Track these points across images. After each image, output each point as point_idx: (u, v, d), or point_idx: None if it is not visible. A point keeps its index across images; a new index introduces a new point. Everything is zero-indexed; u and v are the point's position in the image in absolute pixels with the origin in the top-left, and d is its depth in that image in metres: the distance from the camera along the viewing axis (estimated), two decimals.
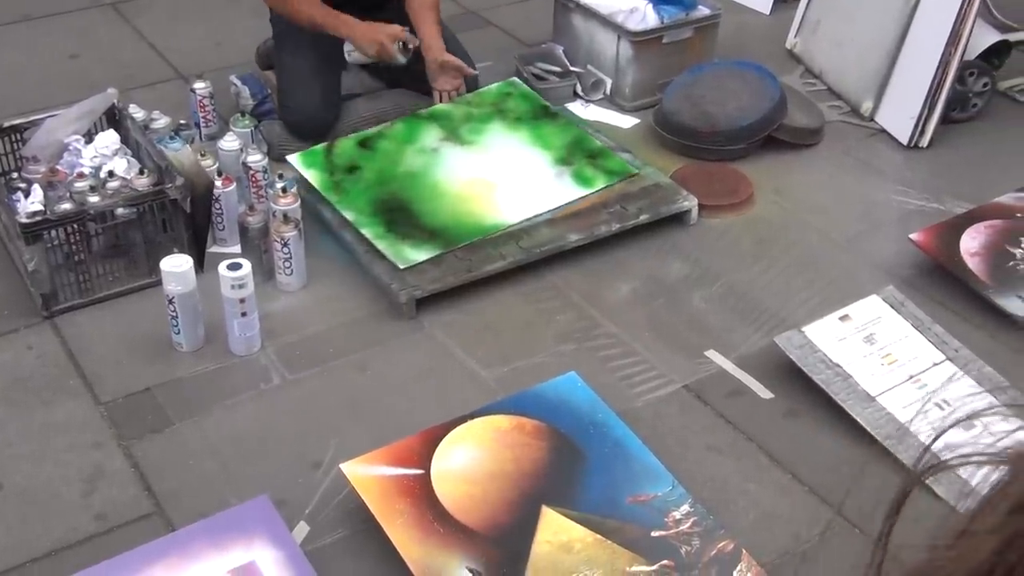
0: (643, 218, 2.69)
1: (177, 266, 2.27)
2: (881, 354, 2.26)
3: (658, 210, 2.72)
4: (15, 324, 2.41)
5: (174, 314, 2.29)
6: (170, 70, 3.45)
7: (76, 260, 2.44)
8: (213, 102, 2.99)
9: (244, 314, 2.28)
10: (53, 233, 2.41)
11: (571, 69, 3.32)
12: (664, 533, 1.89)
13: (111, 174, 2.48)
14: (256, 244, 2.56)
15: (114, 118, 2.73)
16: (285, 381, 2.28)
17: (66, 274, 2.45)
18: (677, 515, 1.92)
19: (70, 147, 2.58)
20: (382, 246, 2.55)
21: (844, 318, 2.32)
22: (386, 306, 2.47)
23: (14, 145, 2.68)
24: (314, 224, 2.66)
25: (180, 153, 2.56)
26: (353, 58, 2.97)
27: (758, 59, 3.26)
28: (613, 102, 3.27)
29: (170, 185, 2.43)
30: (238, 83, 3.14)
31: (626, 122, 3.20)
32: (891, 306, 2.37)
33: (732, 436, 2.15)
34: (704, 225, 2.77)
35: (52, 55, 3.52)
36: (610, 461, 2.01)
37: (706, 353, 2.36)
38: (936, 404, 2.17)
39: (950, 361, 2.26)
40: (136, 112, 2.79)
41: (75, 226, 2.40)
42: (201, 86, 2.96)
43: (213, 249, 2.60)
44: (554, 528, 1.88)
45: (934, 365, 2.25)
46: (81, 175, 2.47)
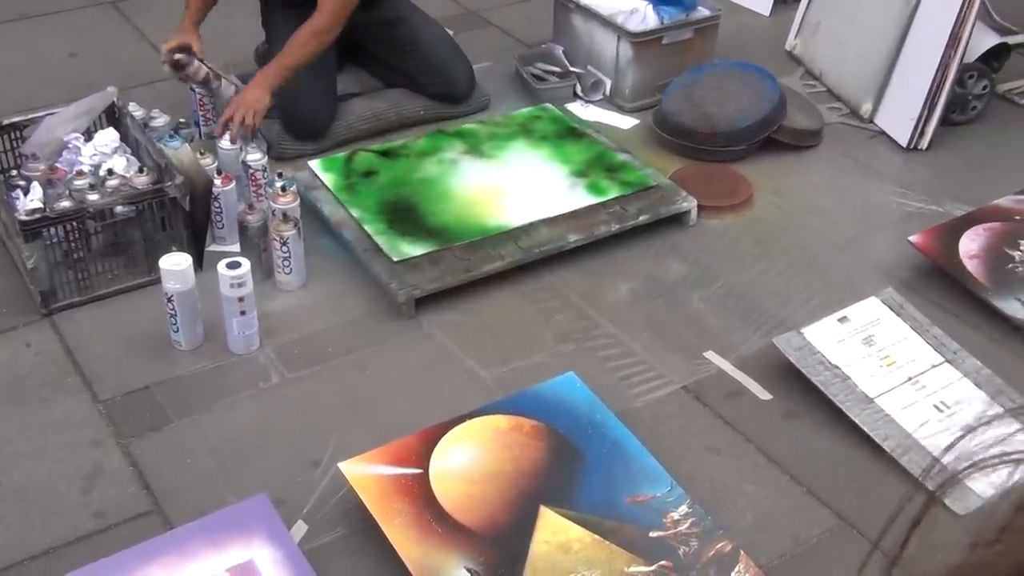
0: (642, 219, 2.69)
1: (176, 264, 2.26)
2: (880, 356, 2.26)
3: (657, 211, 2.72)
4: (14, 322, 2.41)
5: (173, 312, 2.29)
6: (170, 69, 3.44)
7: (75, 258, 2.44)
8: (212, 101, 2.99)
9: (243, 313, 2.28)
10: (52, 231, 2.41)
11: (571, 70, 3.32)
12: (662, 534, 1.89)
13: (110, 172, 2.48)
14: (255, 243, 2.56)
15: (114, 116, 2.73)
16: (284, 380, 2.27)
17: (65, 272, 2.44)
18: (675, 516, 1.92)
19: (69, 145, 2.57)
20: (380, 240, 2.55)
21: (843, 320, 2.32)
22: (385, 305, 2.47)
23: (13, 143, 2.68)
24: (313, 223, 2.66)
25: (179, 151, 2.56)
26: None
27: (758, 60, 3.26)
28: (613, 103, 3.27)
29: (169, 183, 2.43)
30: (238, 82, 3.14)
31: (626, 123, 3.20)
32: (890, 308, 2.37)
33: (731, 437, 2.15)
34: (703, 226, 2.77)
35: (52, 53, 3.52)
36: (608, 461, 2.01)
37: (705, 354, 2.36)
38: (935, 406, 2.17)
39: (949, 363, 2.26)
40: (135, 110, 2.79)
41: (74, 224, 2.40)
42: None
43: (212, 248, 2.60)
44: (552, 528, 1.88)
45: (933, 367, 2.25)
46: (80, 173, 2.46)
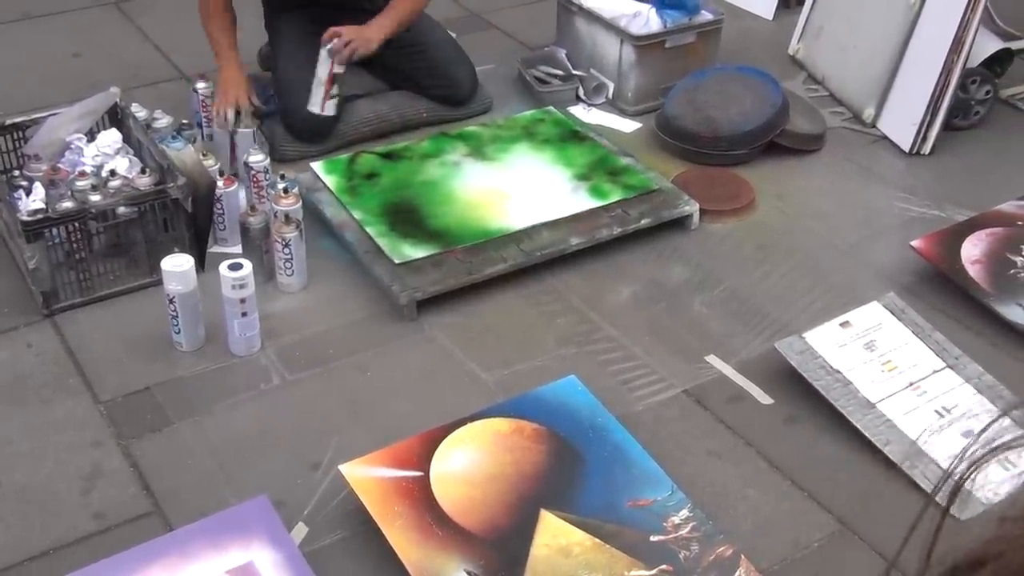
0: (644, 222, 2.69)
1: (178, 266, 2.26)
2: (881, 361, 2.26)
3: (659, 214, 2.72)
4: (15, 322, 2.41)
5: (174, 314, 2.29)
6: (173, 70, 3.45)
7: (77, 259, 2.44)
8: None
9: (244, 314, 2.28)
10: (54, 231, 2.41)
11: (573, 73, 3.32)
12: (663, 538, 1.89)
13: (113, 173, 2.48)
14: (257, 244, 2.56)
15: (116, 117, 2.73)
16: (285, 382, 2.27)
17: (67, 272, 2.44)
18: (676, 520, 1.92)
19: (72, 146, 2.57)
20: (382, 243, 2.55)
21: (845, 324, 2.32)
22: (387, 308, 2.47)
23: (16, 143, 2.68)
24: (315, 225, 2.66)
25: (182, 152, 2.56)
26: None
27: (761, 64, 3.26)
28: (615, 106, 3.27)
29: (171, 184, 2.43)
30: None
31: (628, 126, 3.20)
32: (892, 313, 2.37)
33: (732, 441, 2.15)
34: (705, 230, 2.77)
35: (54, 54, 3.52)
36: (609, 465, 2.01)
37: (706, 358, 2.35)
38: (936, 411, 2.17)
39: (950, 368, 2.26)
40: (138, 111, 2.79)
41: (76, 224, 2.40)
42: (203, 86, 2.95)
43: (214, 249, 2.60)
44: (553, 532, 1.88)
45: (934, 372, 2.25)
46: (83, 174, 2.46)
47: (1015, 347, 2.39)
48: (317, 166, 2.86)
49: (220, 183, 2.57)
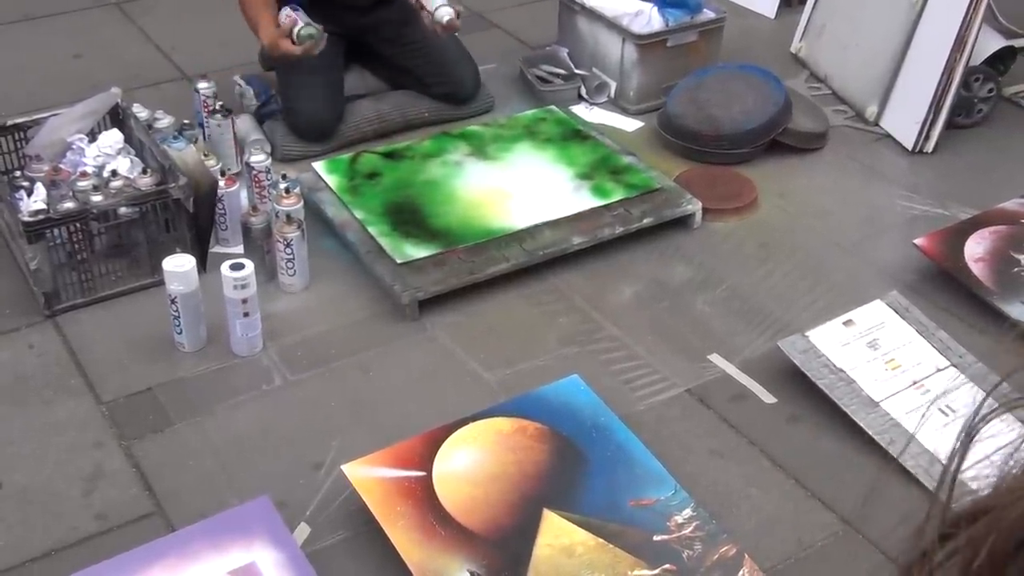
0: (647, 221, 2.69)
1: (180, 266, 2.26)
2: (885, 359, 2.25)
3: (662, 213, 2.72)
4: (17, 323, 2.41)
5: (176, 314, 2.29)
6: (174, 70, 3.44)
7: (78, 259, 2.44)
8: (217, 102, 2.98)
9: (246, 314, 2.28)
10: (56, 232, 2.40)
11: (575, 72, 3.32)
12: (666, 537, 1.88)
13: (114, 173, 2.48)
14: (259, 244, 2.55)
15: (118, 117, 2.72)
16: (287, 382, 2.27)
17: (68, 273, 2.44)
18: (679, 519, 1.91)
19: (73, 146, 2.57)
20: (384, 242, 2.55)
21: (848, 323, 2.32)
22: (389, 307, 2.46)
23: (17, 144, 2.68)
24: (317, 225, 2.65)
25: (184, 153, 2.56)
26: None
27: (763, 63, 3.26)
28: (617, 105, 3.26)
29: (173, 185, 2.43)
30: (242, 83, 3.14)
31: (630, 125, 3.19)
32: (895, 311, 2.36)
33: (735, 440, 2.15)
34: (708, 229, 2.76)
35: (56, 54, 3.52)
36: (612, 464, 2.01)
37: (709, 357, 2.35)
38: (940, 410, 2.16)
39: (954, 367, 2.26)
40: (140, 111, 2.79)
41: (78, 225, 2.40)
42: (205, 86, 2.95)
43: (216, 249, 2.60)
44: (555, 531, 1.88)
45: (938, 371, 2.25)
46: (84, 174, 2.46)
47: (1019, 345, 2.38)
48: (319, 166, 2.86)
49: (222, 183, 2.56)
